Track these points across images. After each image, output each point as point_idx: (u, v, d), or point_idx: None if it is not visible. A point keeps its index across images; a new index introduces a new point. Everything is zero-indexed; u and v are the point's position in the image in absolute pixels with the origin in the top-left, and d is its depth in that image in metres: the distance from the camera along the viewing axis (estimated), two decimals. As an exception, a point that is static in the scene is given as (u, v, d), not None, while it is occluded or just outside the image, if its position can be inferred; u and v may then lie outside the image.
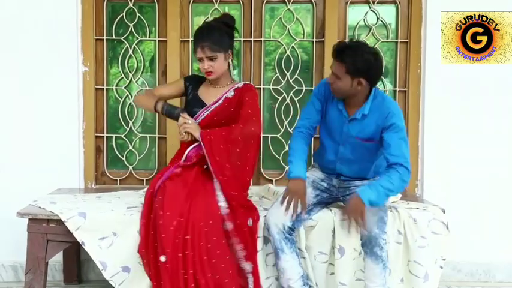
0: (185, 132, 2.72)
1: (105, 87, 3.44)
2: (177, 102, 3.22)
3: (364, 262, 2.56)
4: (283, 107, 3.46)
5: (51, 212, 2.69)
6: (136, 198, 2.96)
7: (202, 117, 2.79)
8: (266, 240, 2.69)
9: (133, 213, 2.66)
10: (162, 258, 2.49)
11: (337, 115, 2.66)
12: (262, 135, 3.42)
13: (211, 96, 2.85)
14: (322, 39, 3.40)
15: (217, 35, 2.73)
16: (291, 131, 3.43)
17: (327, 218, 2.69)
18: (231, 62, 2.84)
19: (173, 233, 2.49)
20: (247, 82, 2.96)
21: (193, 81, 2.92)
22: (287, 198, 2.54)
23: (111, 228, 2.63)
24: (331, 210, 2.74)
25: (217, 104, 2.81)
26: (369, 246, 2.50)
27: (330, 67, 2.60)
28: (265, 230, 2.66)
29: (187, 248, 2.51)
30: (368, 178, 2.71)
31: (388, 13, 3.44)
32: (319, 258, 2.69)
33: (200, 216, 2.54)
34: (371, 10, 3.41)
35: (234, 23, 2.87)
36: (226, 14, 2.95)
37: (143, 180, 3.46)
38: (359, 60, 2.47)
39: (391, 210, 2.71)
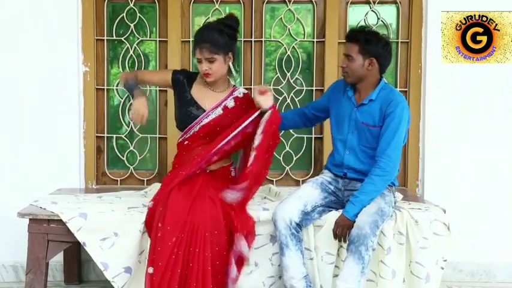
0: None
1: (105, 87, 3.44)
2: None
3: (345, 262, 2.56)
4: (283, 107, 3.46)
5: (52, 212, 2.68)
6: (137, 198, 2.95)
7: (202, 123, 2.74)
8: (273, 239, 2.68)
9: (134, 213, 2.66)
10: (150, 270, 2.46)
11: (346, 103, 2.77)
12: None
13: (207, 98, 2.78)
14: (323, 40, 3.40)
15: (217, 36, 2.67)
16: (291, 131, 3.43)
17: (335, 217, 2.68)
18: (231, 65, 2.77)
19: (170, 248, 2.46)
20: (245, 90, 2.87)
21: (184, 78, 2.81)
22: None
23: (112, 228, 2.61)
24: (338, 211, 2.73)
25: (216, 111, 2.76)
26: (356, 243, 2.51)
27: (343, 52, 2.75)
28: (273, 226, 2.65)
29: (193, 260, 2.48)
30: None
31: (388, 13, 3.44)
32: (326, 259, 2.67)
33: (206, 226, 2.52)
34: (371, 10, 3.42)
35: (238, 24, 2.79)
36: (230, 15, 2.85)
37: (144, 180, 3.46)
38: (371, 39, 2.65)
39: (393, 211, 2.71)
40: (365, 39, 2.65)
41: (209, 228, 2.53)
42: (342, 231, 2.60)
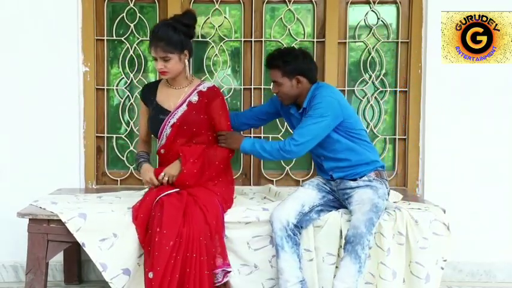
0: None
1: (105, 87, 3.44)
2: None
3: (342, 262, 2.56)
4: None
5: (51, 212, 2.68)
6: (137, 198, 2.95)
7: (171, 123, 2.73)
8: (273, 241, 2.66)
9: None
10: (150, 275, 2.46)
11: (294, 119, 2.85)
12: (262, 135, 3.44)
13: (171, 98, 2.79)
14: (323, 40, 3.40)
15: (171, 34, 2.64)
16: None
17: (334, 217, 2.70)
18: (187, 62, 2.73)
19: (169, 253, 2.46)
20: (209, 84, 2.83)
21: (149, 93, 2.84)
22: None
23: (111, 229, 2.61)
24: (338, 211, 2.74)
25: (181, 109, 2.74)
26: (352, 243, 2.51)
27: (270, 78, 2.79)
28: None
29: (190, 265, 2.49)
30: (354, 170, 2.72)
31: (388, 13, 3.44)
32: (327, 260, 2.67)
33: (199, 229, 2.53)
34: (371, 10, 3.42)
35: (194, 21, 2.74)
36: (187, 11, 2.80)
37: (144, 180, 3.46)
38: (289, 60, 2.70)
39: (393, 211, 2.71)
40: (283, 62, 2.71)
41: (203, 231, 2.53)
42: (221, 142, 2.75)
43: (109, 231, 2.60)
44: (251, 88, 3.43)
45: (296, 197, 2.71)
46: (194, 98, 2.77)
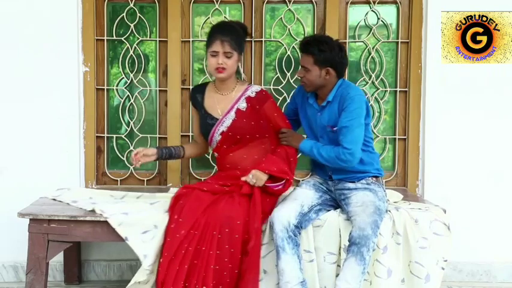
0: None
1: (105, 87, 3.44)
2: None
3: (345, 262, 2.56)
4: (283, 107, 3.45)
5: (93, 210, 2.70)
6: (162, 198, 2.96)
7: (220, 131, 2.79)
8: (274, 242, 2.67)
9: None
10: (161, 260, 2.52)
11: (311, 110, 2.83)
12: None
13: (219, 104, 2.83)
14: (323, 40, 3.40)
15: (236, 34, 2.77)
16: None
17: (333, 217, 2.70)
18: (240, 66, 2.85)
19: (179, 241, 2.50)
20: (256, 88, 2.88)
21: (197, 97, 2.90)
22: None
23: (152, 222, 2.63)
24: (336, 211, 2.75)
25: (229, 116, 2.80)
26: (358, 245, 2.51)
27: (300, 62, 2.78)
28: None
29: (198, 258, 2.51)
30: (357, 173, 2.73)
31: (388, 13, 3.44)
32: (328, 259, 2.68)
33: (215, 224, 2.53)
34: (372, 10, 3.42)
35: (248, 32, 2.91)
36: (241, 22, 3.00)
37: (144, 180, 3.46)
38: (325, 49, 2.67)
39: (391, 210, 2.71)
40: (318, 50, 2.68)
41: (219, 226, 2.53)
42: (282, 139, 2.80)
43: (150, 224, 2.63)
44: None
45: (295, 198, 2.71)
46: (242, 105, 2.80)
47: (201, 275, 2.50)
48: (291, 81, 3.45)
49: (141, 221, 2.64)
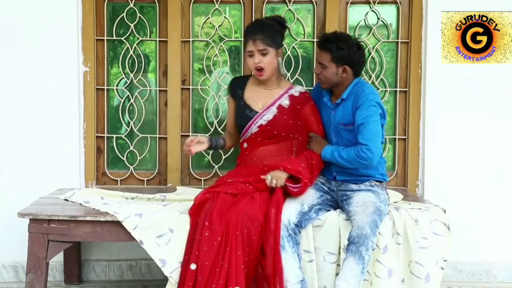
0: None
1: (105, 87, 3.44)
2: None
3: (345, 262, 2.56)
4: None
5: (106, 212, 2.69)
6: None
7: (258, 124, 2.77)
8: None
9: (188, 208, 2.66)
10: (193, 266, 2.50)
11: (325, 109, 2.81)
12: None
13: (260, 97, 2.81)
14: (323, 40, 3.40)
15: (269, 29, 2.74)
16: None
17: (333, 216, 2.70)
18: (281, 61, 2.81)
19: (216, 248, 2.49)
20: (300, 88, 2.87)
21: (237, 87, 2.88)
22: None
23: (167, 225, 2.62)
24: (335, 211, 2.75)
25: (270, 111, 2.78)
26: (357, 244, 2.51)
27: (316, 57, 2.77)
28: None
29: (225, 259, 2.50)
30: (361, 177, 2.73)
31: (388, 13, 3.44)
32: (328, 259, 2.68)
33: (237, 224, 2.53)
34: (372, 10, 3.42)
35: (286, 23, 2.87)
36: (277, 15, 2.94)
37: (144, 180, 3.46)
38: (343, 47, 2.65)
39: (391, 210, 2.71)
40: (336, 47, 2.66)
41: (240, 226, 2.53)
42: (310, 145, 2.77)
43: (165, 227, 2.62)
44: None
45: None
46: (285, 102, 2.79)
47: (232, 276, 2.48)
48: (291, 81, 3.44)
49: (156, 223, 2.63)
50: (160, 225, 2.63)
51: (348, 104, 2.73)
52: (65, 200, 2.95)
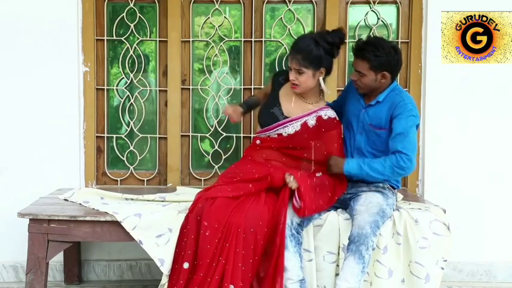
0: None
1: (105, 87, 3.44)
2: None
3: (345, 261, 2.56)
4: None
5: (106, 212, 2.69)
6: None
7: (278, 132, 2.73)
8: None
9: (187, 210, 2.65)
10: (186, 265, 2.51)
11: (355, 104, 2.79)
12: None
13: (293, 104, 2.76)
14: (323, 40, 3.40)
15: (311, 49, 2.61)
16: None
17: (333, 216, 2.70)
18: (321, 80, 2.70)
19: (214, 247, 2.50)
20: (331, 113, 2.75)
21: (280, 79, 2.81)
22: None
23: (166, 225, 2.63)
24: (336, 210, 2.75)
25: (294, 125, 2.72)
26: (357, 243, 2.51)
27: (353, 65, 2.70)
28: None
29: (223, 255, 2.51)
30: (375, 182, 2.72)
31: (388, 13, 3.44)
32: (328, 258, 2.68)
33: (240, 223, 2.53)
34: (372, 10, 3.42)
35: (341, 40, 2.68)
36: (337, 30, 2.71)
37: (144, 180, 3.46)
38: (381, 54, 2.61)
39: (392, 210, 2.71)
40: (374, 55, 2.60)
41: (243, 225, 2.52)
42: (329, 169, 2.70)
43: (165, 227, 2.62)
44: (251, 88, 3.43)
45: None
46: (311, 122, 2.73)
47: (223, 271, 2.49)
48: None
49: (156, 223, 2.63)
50: (159, 225, 2.63)
51: (384, 108, 2.68)
52: (65, 200, 2.96)
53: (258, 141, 2.82)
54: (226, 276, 2.48)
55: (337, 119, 2.78)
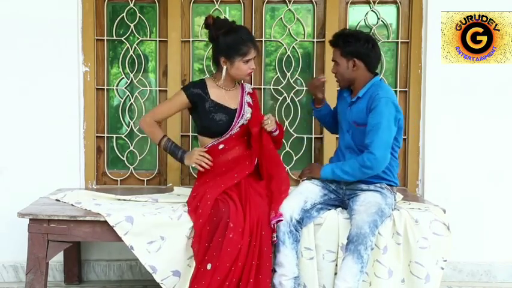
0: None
1: (105, 87, 3.44)
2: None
3: (343, 261, 2.56)
4: (283, 107, 3.46)
5: (98, 213, 2.68)
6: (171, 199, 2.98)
7: (240, 124, 2.80)
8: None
9: (181, 216, 2.64)
10: (209, 266, 2.51)
11: (343, 102, 2.83)
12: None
13: (229, 98, 2.83)
14: (323, 40, 3.40)
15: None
16: (291, 131, 3.44)
17: (332, 215, 2.71)
18: (224, 68, 2.79)
19: (238, 250, 2.52)
20: (248, 84, 2.99)
21: (198, 88, 2.82)
22: None
23: (158, 232, 2.62)
24: (335, 209, 2.75)
25: (246, 110, 2.83)
26: (355, 243, 2.51)
27: (332, 59, 2.80)
28: None
29: (254, 256, 2.54)
30: (373, 178, 2.71)
31: (388, 13, 3.44)
32: (327, 257, 2.68)
33: (255, 221, 2.57)
34: (372, 10, 3.42)
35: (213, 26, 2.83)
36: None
37: (144, 180, 3.46)
38: (350, 40, 2.68)
39: (392, 210, 2.71)
40: (343, 42, 2.70)
41: (263, 222, 2.58)
42: (304, 174, 2.86)
43: (156, 234, 2.62)
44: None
45: (300, 192, 2.72)
46: (248, 100, 2.88)
47: (245, 271, 2.53)
48: (291, 81, 3.45)
49: (147, 229, 2.62)
50: (151, 231, 2.62)
51: (363, 103, 2.70)
52: (56, 200, 2.94)
53: (221, 146, 2.81)
54: (242, 275, 2.52)
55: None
